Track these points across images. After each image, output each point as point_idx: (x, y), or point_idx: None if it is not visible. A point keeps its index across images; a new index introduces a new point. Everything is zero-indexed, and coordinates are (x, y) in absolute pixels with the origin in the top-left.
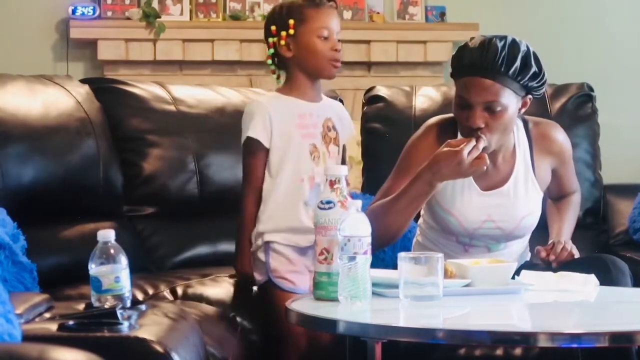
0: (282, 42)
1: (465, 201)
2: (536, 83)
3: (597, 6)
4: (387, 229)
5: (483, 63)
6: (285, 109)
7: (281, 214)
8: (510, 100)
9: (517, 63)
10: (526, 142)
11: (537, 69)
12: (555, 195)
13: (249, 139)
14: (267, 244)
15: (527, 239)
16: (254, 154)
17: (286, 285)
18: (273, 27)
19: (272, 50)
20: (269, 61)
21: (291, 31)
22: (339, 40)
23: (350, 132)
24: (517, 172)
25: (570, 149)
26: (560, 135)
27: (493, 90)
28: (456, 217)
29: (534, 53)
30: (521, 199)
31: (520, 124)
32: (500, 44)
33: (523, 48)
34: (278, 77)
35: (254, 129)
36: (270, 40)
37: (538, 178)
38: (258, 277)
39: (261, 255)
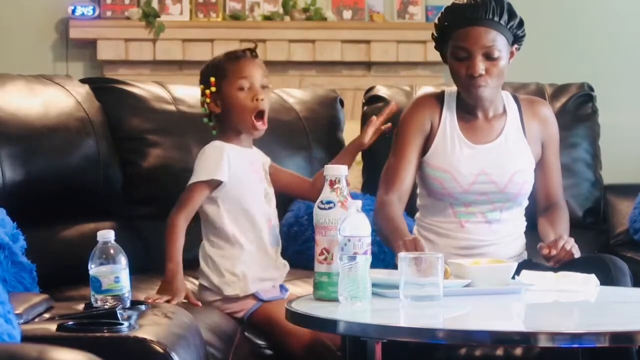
0: (207, 100)
1: (458, 155)
2: (521, 32)
3: (598, 6)
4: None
5: (477, 13)
6: (237, 154)
7: (251, 264)
8: (503, 47)
9: (505, 12)
10: (515, 107)
11: (520, 18)
12: (542, 199)
13: (213, 180)
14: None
15: (522, 212)
16: (199, 188)
17: (266, 296)
18: (201, 86)
19: (204, 108)
20: (205, 119)
21: (213, 88)
22: (263, 87)
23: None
24: (507, 130)
25: (557, 127)
26: (547, 107)
27: (490, 37)
28: (451, 172)
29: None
30: (512, 154)
31: (509, 94)
32: None
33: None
34: (214, 129)
35: (221, 171)
36: (201, 99)
37: (529, 140)
38: (238, 314)
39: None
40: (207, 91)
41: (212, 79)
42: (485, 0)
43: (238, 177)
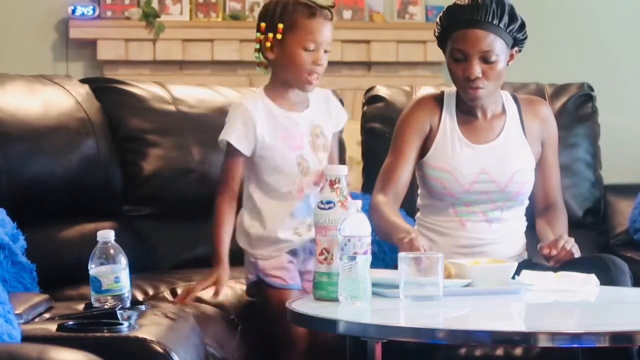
0: (268, 44)
1: (458, 155)
2: (521, 35)
3: (598, 6)
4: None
5: (477, 16)
6: (270, 119)
7: (269, 226)
8: (502, 50)
9: (506, 15)
10: (515, 107)
11: (522, 21)
12: (540, 199)
13: (229, 144)
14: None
15: (523, 212)
16: (232, 157)
17: (276, 282)
18: (262, 25)
19: (257, 46)
20: (256, 54)
21: (279, 35)
22: (325, 51)
23: (343, 118)
24: (507, 130)
25: (556, 127)
26: (546, 106)
27: (488, 40)
28: (451, 172)
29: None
30: (513, 153)
31: (508, 94)
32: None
33: (509, 2)
34: (265, 67)
35: (237, 139)
36: (258, 35)
37: (529, 140)
38: (249, 275)
39: (251, 256)
40: (271, 35)
41: (281, 26)
42: (486, 2)
43: (266, 142)
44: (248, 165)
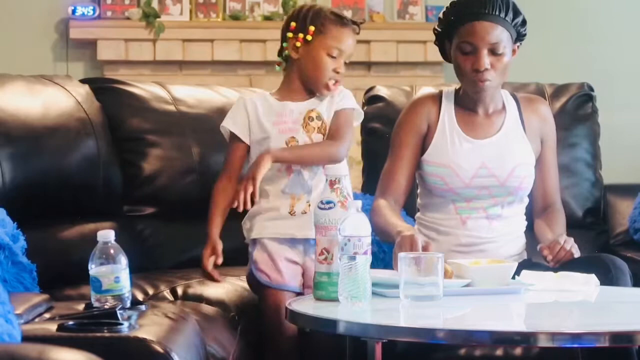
0: (298, 44)
1: (458, 149)
2: (524, 30)
3: (598, 6)
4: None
5: (484, 9)
6: (266, 109)
7: (263, 204)
8: (508, 43)
9: (511, 9)
10: (514, 104)
11: (524, 16)
12: (539, 198)
13: (226, 130)
14: (253, 240)
15: (522, 211)
16: (230, 144)
17: (262, 278)
18: (293, 24)
19: (285, 44)
20: (278, 53)
21: (308, 37)
22: (345, 63)
23: (348, 101)
24: (507, 126)
25: (554, 126)
26: (545, 105)
27: (496, 32)
28: (451, 167)
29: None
30: (512, 148)
31: (507, 93)
32: None
33: None
34: (282, 68)
35: (233, 122)
36: (288, 34)
37: (528, 136)
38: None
39: (250, 248)
40: (301, 35)
41: (312, 28)
42: None
43: (261, 128)
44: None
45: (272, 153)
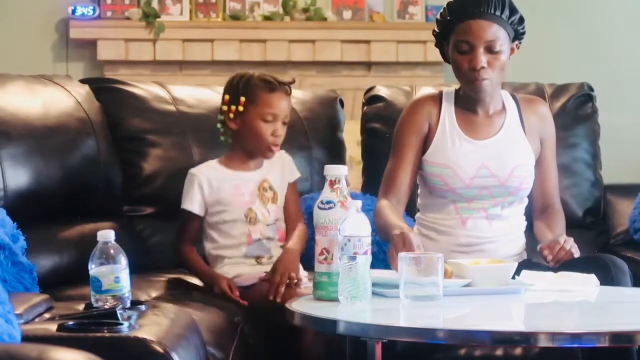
0: (231, 115)
1: (458, 150)
2: (521, 28)
3: (598, 6)
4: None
5: (479, 7)
6: (220, 182)
7: (226, 269)
8: (505, 41)
9: (507, 7)
10: (514, 105)
11: (521, 15)
12: (538, 199)
13: (183, 210)
14: None
15: (522, 211)
16: (188, 219)
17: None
18: (227, 97)
19: (221, 117)
20: (218, 125)
21: (240, 108)
22: (283, 123)
23: (295, 171)
24: (507, 126)
25: (554, 127)
26: (545, 105)
27: (492, 30)
28: (451, 167)
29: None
30: (512, 148)
31: (507, 93)
32: None
33: None
34: (225, 140)
35: (190, 202)
36: (222, 106)
37: (528, 136)
38: None
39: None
40: (233, 107)
41: (243, 99)
42: None
43: (218, 200)
44: (203, 226)
45: (297, 250)
